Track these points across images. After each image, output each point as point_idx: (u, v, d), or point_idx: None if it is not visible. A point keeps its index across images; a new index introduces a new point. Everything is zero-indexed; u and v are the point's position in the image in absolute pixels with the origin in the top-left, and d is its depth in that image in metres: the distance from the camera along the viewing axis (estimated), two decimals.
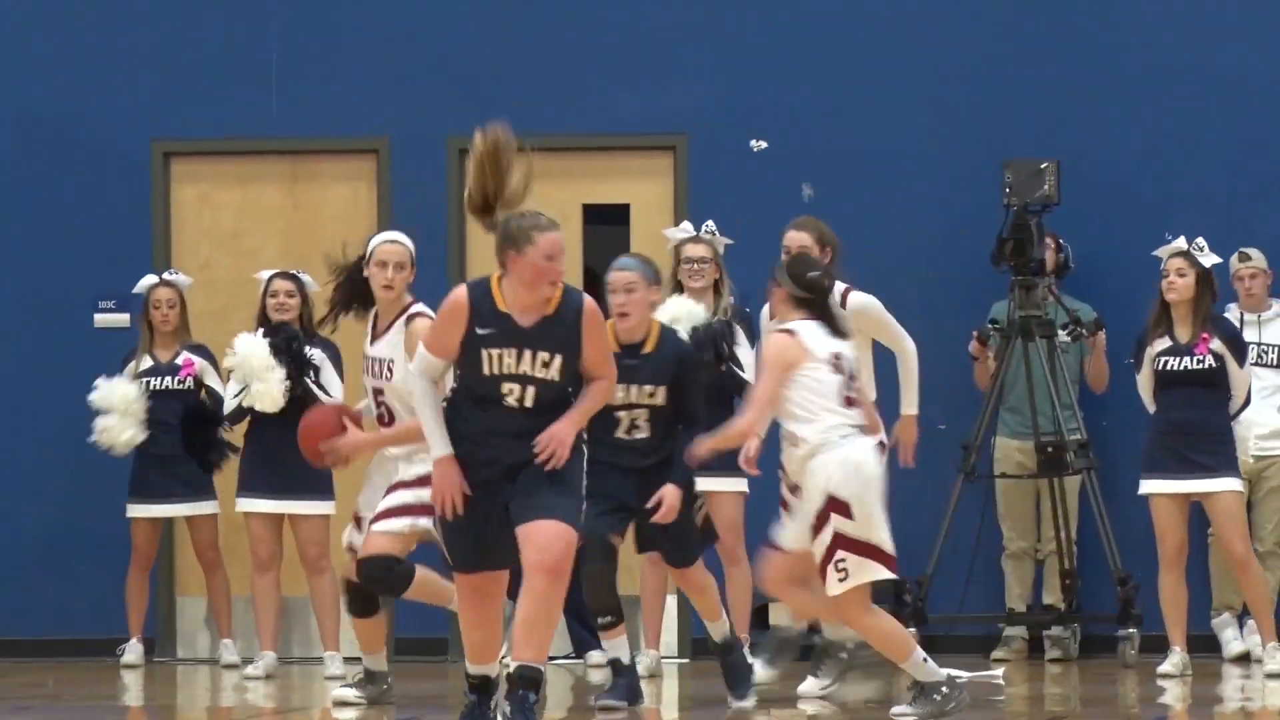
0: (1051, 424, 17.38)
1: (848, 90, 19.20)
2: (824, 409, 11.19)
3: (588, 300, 9.82)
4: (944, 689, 11.05)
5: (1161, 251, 16.55)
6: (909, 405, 13.88)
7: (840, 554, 10.79)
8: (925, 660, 11.10)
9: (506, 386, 9.48)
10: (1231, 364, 15.20)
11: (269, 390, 16.18)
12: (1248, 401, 16.42)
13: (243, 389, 16.38)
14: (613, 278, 12.39)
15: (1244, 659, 17.25)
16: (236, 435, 17.23)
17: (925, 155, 19.22)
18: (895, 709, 11.46)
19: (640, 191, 18.97)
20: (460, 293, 9.71)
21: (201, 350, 17.20)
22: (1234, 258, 17.68)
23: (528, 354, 9.35)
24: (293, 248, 18.57)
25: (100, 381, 17.10)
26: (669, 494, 11.79)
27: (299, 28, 19.62)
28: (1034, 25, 19.85)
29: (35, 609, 18.41)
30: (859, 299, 13.33)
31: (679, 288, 15.17)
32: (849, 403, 11.34)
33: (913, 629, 15.96)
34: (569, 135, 18.52)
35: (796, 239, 13.67)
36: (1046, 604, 17.99)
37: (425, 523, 11.58)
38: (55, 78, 19.61)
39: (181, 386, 17.57)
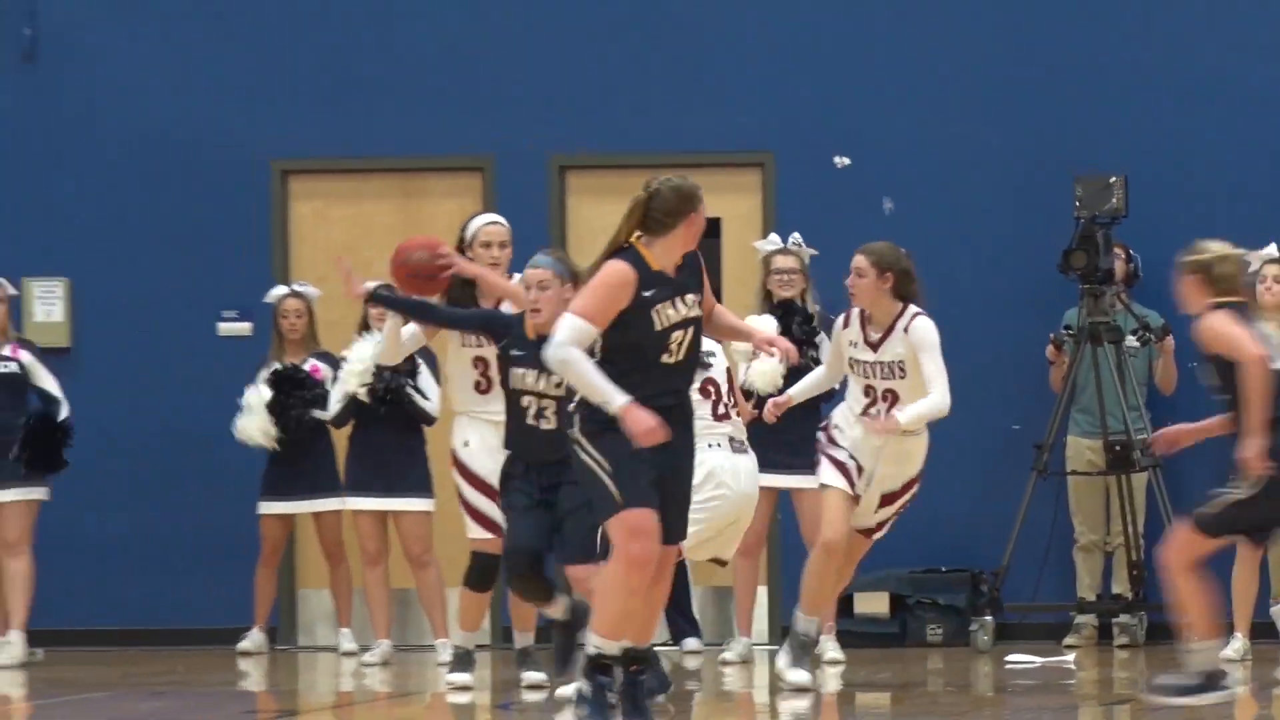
0: (1120, 424, 18.11)
1: (927, 109, 19.87)
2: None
3: None
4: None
5: (1254, 257, 17.24)
6: (906, 412, 13.58)
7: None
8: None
9: (674, 335, 10.07)
10: None
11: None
12: None
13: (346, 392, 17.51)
14: (527, 274, 12.72)
15: None
16: (341, 436, 18.13)
17: (1000, 170, 19.91)
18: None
19: (731, 206, 19.45)
20: (620, 267, 10.11)
21: (328, 357, 17.95)
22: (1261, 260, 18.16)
23: (680, 301, 10.01)
24: None
25: (251, 388, 17.91)
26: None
27: (408, 51, 20.43)
28: (1101, 45, 20.56)
29: (166, 600, 19.30)
30: (922, 325, 13.71)
31: (768, 296, 15.97)
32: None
33: (989, 617, 18.15)
34: (664, 153, 18.86)
35: (856, 262, 13.90)
36: (1115, 593, 18.78)
37: None
38: (182, 103, 20.42)
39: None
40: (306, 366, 18.39)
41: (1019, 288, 20.14)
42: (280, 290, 18.32)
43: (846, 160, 19.92)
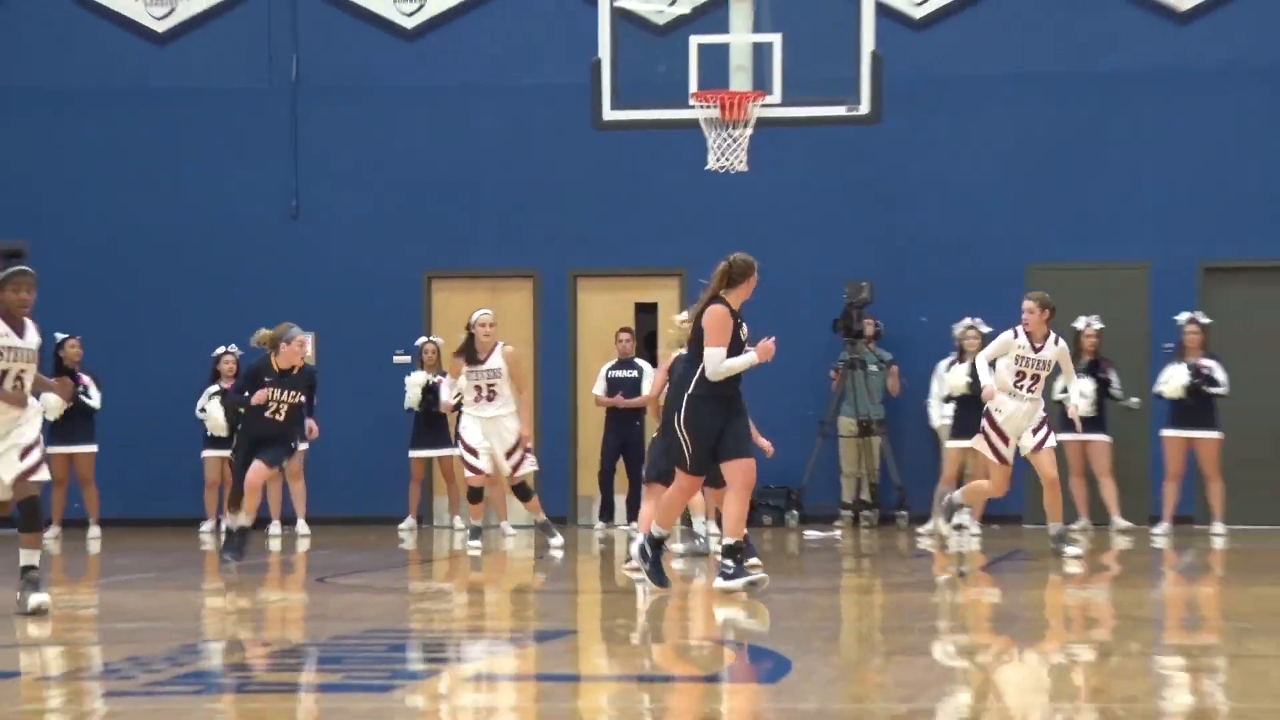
0: (866, 413, 27.08)
1: (778, 246, 24.63)
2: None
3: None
4: None
5: (1182, 316, 24.13)
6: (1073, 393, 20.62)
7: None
8: None
9: (746, 348, 15.32)
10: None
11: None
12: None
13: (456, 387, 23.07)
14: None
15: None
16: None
17: (816, 281, 26.70)
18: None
19: None
20: (721, 310, 15.21)
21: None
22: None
23: (744, 327, 15.21)
24: None
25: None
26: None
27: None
28: (881, 202, 26.74)
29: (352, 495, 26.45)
30: (1062, 344, 19.64)
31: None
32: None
33: (795, 511, 27.39)
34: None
35: (1025, 304, 19.16)
36: (862, 499, 27.85)
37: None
38: (372, 246, 27.32)
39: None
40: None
41: (823, 339, 27.07)
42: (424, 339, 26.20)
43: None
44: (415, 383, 25.87)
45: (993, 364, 19.15)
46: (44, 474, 13.40)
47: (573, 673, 12.74)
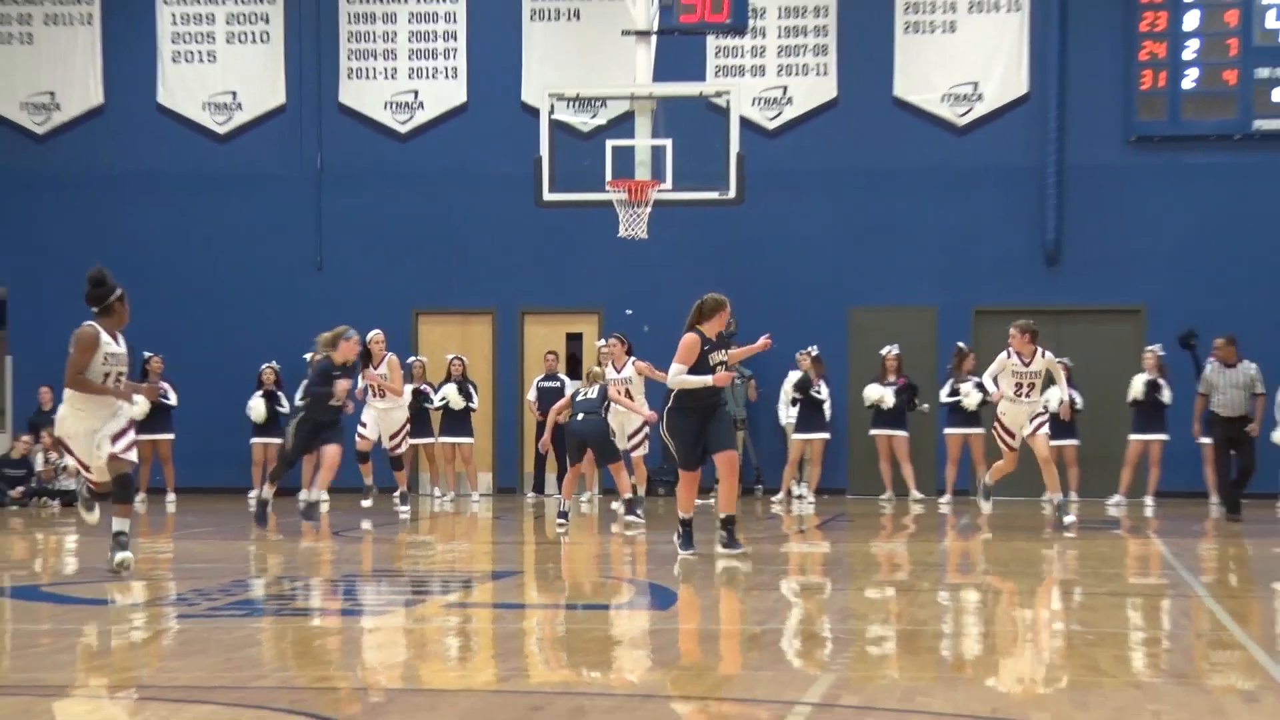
0: (733, 412, 22.46)
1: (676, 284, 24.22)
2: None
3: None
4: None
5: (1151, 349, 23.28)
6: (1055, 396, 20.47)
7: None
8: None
9: (715, 367, 14.32)
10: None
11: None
12: None
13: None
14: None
15: None
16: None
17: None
18: None
19: None
20: (692, 337, 14.27)
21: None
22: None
23: (717, 352, 14.26)
24: None
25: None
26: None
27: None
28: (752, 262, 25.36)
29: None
30: (1049, 355, 18.88)
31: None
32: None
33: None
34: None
35: (1011, 331, 18.77)
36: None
37: None
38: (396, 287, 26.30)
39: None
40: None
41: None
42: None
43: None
44: (408, 391, 24.35)
45: (994, 379, 18.78)
46: (132, 455, 12.86)
47: (519, 602, 13.08)
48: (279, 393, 24.85)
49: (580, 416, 18.76)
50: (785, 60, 26.51)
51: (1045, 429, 18.51)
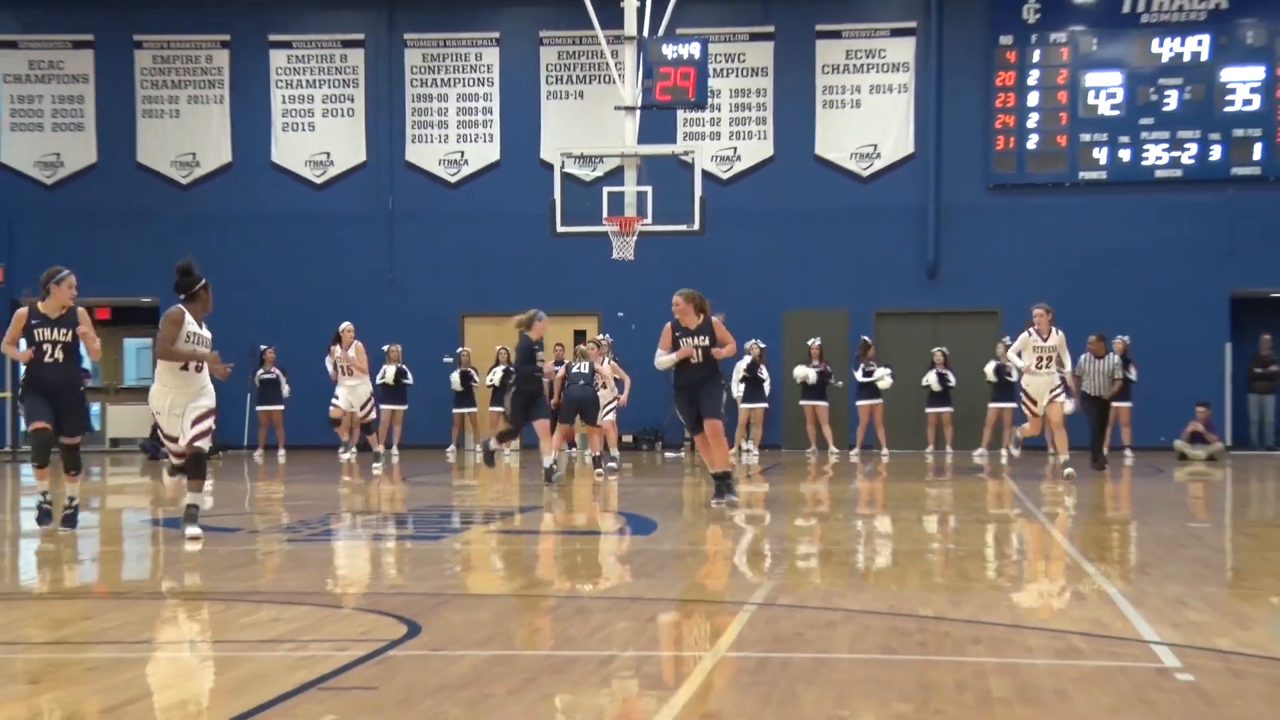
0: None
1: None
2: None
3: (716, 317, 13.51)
4: None
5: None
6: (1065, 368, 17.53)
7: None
8: None
9: (692, 350, 13.09)
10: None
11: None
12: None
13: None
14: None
15: None
16: None
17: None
18: None
19: None
20: (667, 326, 13.36)
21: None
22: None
23: (695, 337, 13.04)
24: None
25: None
26: None
27: None
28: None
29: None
30: (1061, 335, 17.04)
31: None
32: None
33: (660, 443, 24.36)
34: None
35: (1036, 311, 17.03)
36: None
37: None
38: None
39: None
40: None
41: None
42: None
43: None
44: (456, 373, 25.17)
45: (1020, 353, 17.34)
46: (207, 441, 10.92)
47: (536, 529, 12.95)
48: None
49: (580, 384, 18.33)
50: (735, 128, 26.48)
51: (1062, 398, 17.03)
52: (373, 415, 21.09)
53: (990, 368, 23.77)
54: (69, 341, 11.25)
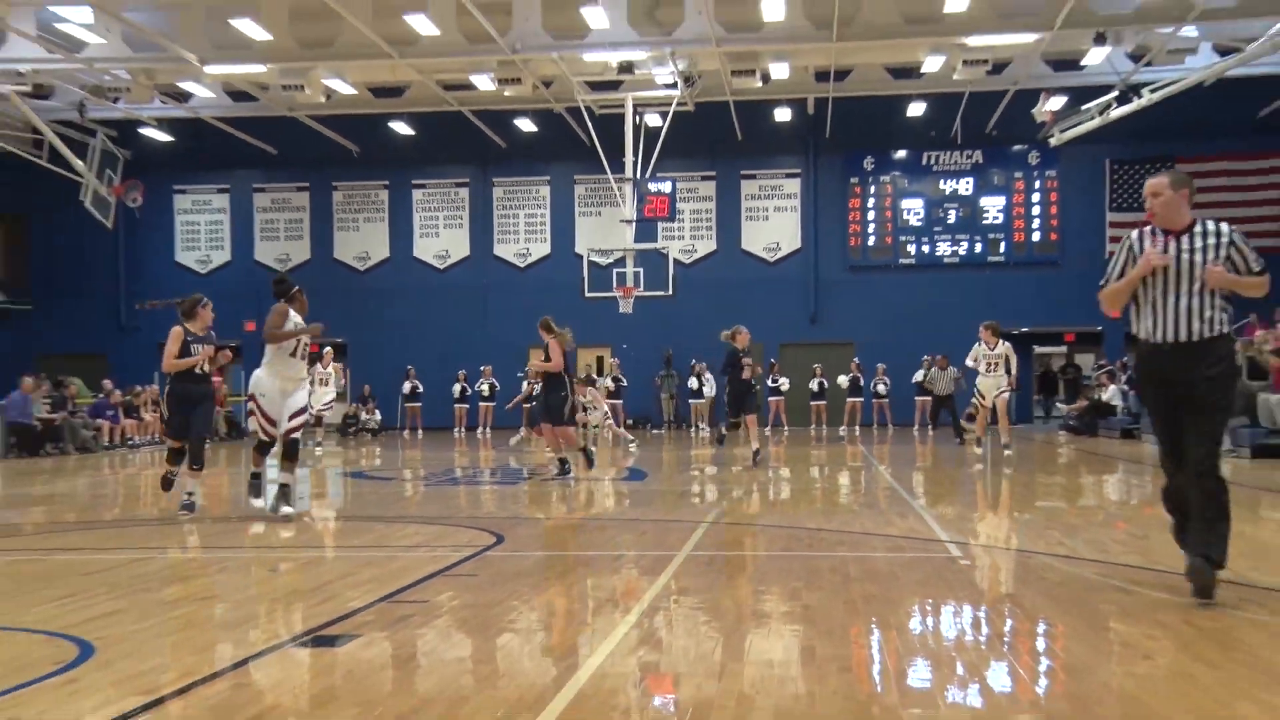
0: (671, 391, 24.19)
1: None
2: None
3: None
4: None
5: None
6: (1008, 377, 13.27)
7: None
8: None
9: (744, 365, 12.10)
10: None
11: None
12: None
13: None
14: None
15: None
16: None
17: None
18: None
19: None
20: (731, 348, 12.20)
21: None
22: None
23: (747, 357, 12.16)
24: None
25: None
26: None
27: None
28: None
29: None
30: (1007, 345, 13.46)
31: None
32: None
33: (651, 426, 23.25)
34: None
35: (981, 330, 13.34)
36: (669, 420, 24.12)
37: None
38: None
39: None
40: None
41: (657, 367, 24.74)
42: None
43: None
44: (525, 383, 22.14)
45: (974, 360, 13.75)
46: (300, 432, 8.41)
47: (576, 478, 12.09)
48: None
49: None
50: (692, 233, 25.54)
51: (1006, 395, 13.43)
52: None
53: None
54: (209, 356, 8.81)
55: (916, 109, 22.88)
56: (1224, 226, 4.62)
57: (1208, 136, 21.98)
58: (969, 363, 13.75)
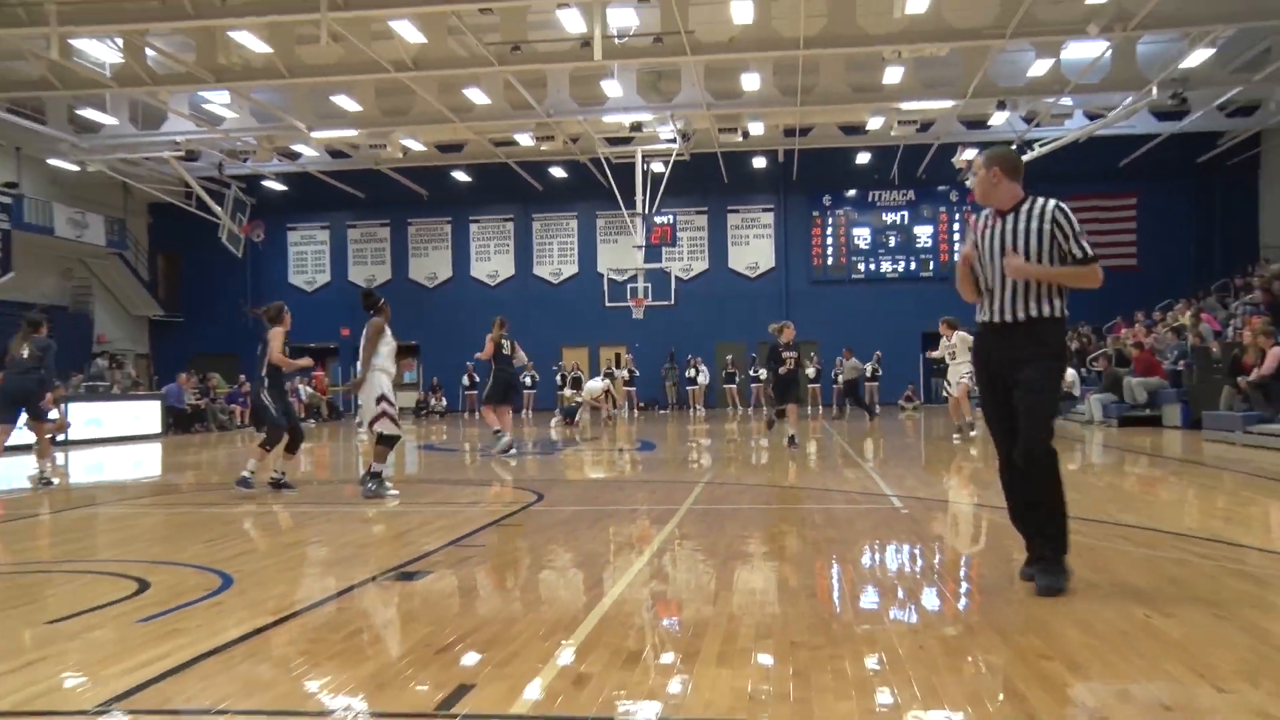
0: (673, 380, 24.13)
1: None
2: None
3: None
4: None
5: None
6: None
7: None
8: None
9: (786, 359, 10.16)
10: None
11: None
12: None
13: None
14: None
15: None
16: None
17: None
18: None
19: None
20: (773, 346, 10.24)
21: None
22: None
23: (789, 351, 10.07)
24: None
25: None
26: None
27: None
28: None
29: None
30: (959, 336, 11.03)
31: None
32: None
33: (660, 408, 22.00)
34: None
35: (942, 324, 11.06)
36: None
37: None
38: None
39: None
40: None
41: (656, 368, 24.23)
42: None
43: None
44: (558, 375, 22.32)
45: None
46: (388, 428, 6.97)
47: (601, 449, 11.90)
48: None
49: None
50: (689, 255, 25.19)
51: (965, 380, 11.26)
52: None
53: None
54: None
55: (863, 158, 23.15)
56: (1049, 204, 3.53)
57: (1082, 180, 21.80)
58: (933, 354, 12.19)
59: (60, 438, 12.95)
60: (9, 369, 8.09)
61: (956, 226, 24.19)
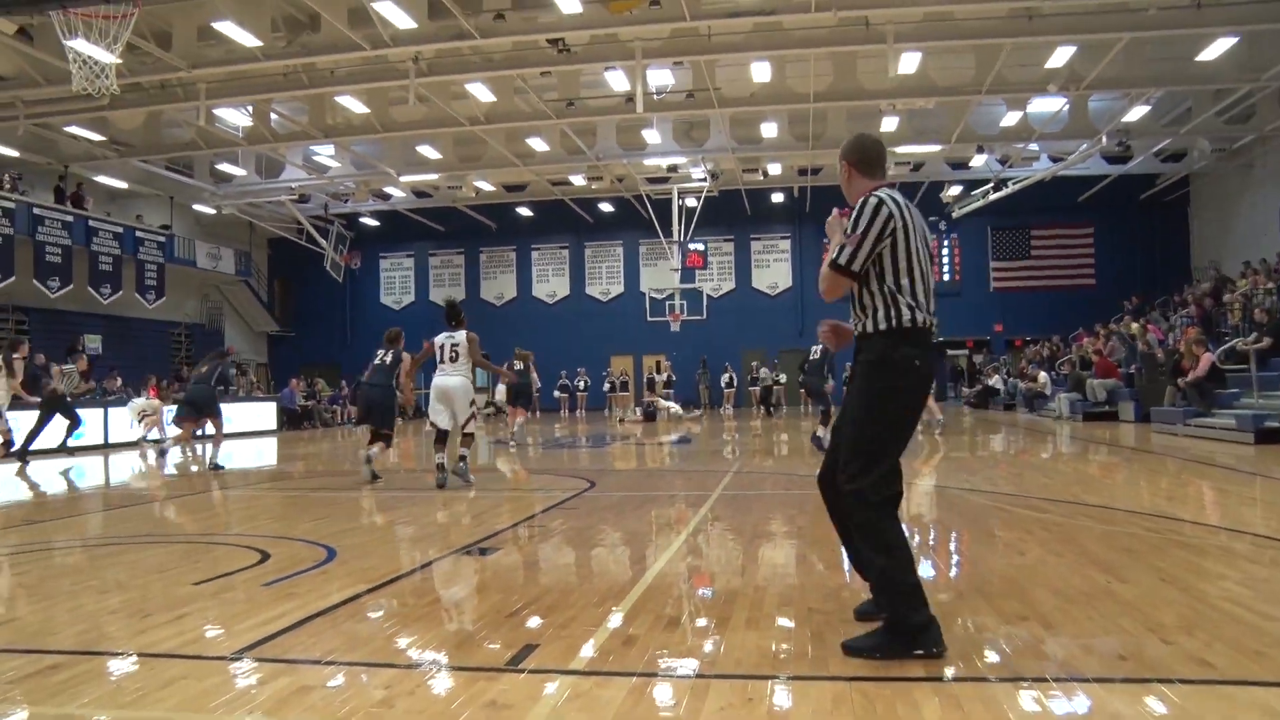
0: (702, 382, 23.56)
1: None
2: None
3: None
4: None
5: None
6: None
7: None
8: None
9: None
10: None
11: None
12: None
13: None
14: None
15: None
16: None
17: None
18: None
19: None
20: (819, 347, 8.40)
21: None
22: None
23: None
24: None
25: None
26: None
27: None
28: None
29: None
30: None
31: None
32: None
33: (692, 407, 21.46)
34: None
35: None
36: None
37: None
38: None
39: None
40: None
41: (692, 370, 23.54)
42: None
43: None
44: (607, 382, 22.90)
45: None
46: (474, 427, 6.53)
47: (644, 441, 11.67)
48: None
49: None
50: (718, 277, 24.38)
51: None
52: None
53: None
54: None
55: None
56: (869, 199, 2.48)
57: (1048, 212, 21.78)
58: None
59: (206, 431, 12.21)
60: (191, 380, 9.19)
61: (945, 253, 23.52)
